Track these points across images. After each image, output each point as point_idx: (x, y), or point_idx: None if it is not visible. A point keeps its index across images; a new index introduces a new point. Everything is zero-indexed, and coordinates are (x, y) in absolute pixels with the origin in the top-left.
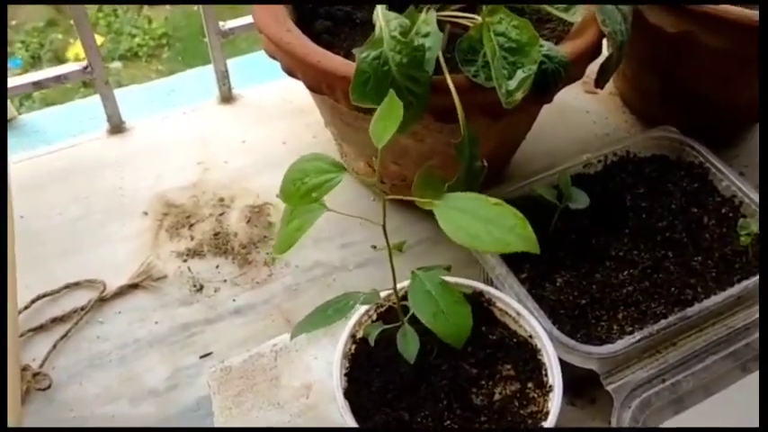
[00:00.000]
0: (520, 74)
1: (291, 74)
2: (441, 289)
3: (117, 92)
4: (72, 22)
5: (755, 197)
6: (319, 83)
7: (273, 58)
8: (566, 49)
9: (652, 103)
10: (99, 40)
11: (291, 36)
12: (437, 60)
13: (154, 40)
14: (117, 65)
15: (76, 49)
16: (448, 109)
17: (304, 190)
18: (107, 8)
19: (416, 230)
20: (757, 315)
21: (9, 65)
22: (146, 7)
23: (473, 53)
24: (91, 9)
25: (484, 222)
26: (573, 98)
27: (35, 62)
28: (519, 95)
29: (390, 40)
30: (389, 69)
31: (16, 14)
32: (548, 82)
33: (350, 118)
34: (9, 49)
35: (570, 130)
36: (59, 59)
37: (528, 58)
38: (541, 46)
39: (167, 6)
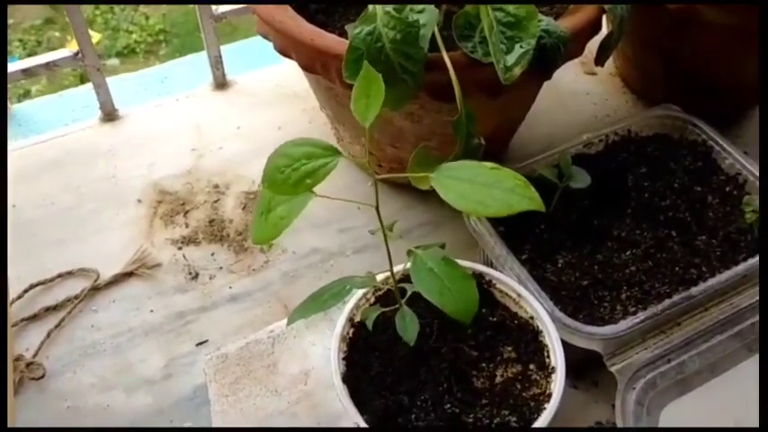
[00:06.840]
0: (518, 49)
1: (285, 53)
2: (443, 266)
3: (109, 80)
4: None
5: None
6: (313, 62)
7: (266, 38)
8: (565, 24)
9: (654, 83)
10: (96, 37)
11: (285, 15)
12: (434, 38)
13: (151, 36)
14: (114, 62)
15: (73, 46)
16: (445, 87)
17: (295, 177)
18: (104, 5)
19: (416, 214)
20: None
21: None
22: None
23: (470, 28)
24: (88, 6)
25: (485, 187)
26: (572, 79)
27: None
28: (518, 71)
29: (384, 16)
30: (383, 46)
31: (14, 13)
32: (547, 58)
33: (345, 98)
34: (7, 48)
35: (570, 111)
36: None
37: (526, 32)
38: (540, 20)
39: None
